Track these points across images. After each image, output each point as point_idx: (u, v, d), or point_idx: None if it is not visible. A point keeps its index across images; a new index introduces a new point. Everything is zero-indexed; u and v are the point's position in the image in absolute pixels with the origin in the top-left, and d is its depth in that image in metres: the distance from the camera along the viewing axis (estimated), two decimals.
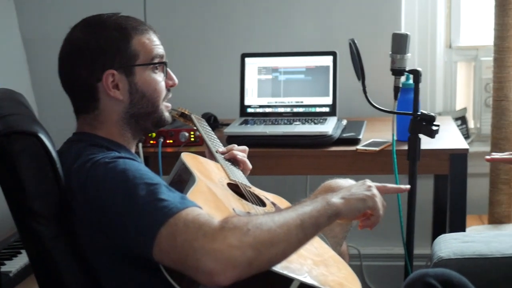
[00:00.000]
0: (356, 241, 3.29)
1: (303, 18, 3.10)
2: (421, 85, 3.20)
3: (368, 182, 1.52)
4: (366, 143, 2.49)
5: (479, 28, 3.21)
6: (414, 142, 2.05)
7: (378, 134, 2.58)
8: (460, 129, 3.22)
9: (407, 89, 2.54)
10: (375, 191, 1.48)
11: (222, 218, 1.26)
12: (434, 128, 2.00)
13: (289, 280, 1.34)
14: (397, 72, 2.04)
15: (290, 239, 1.27)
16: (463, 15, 3.23)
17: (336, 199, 1.39)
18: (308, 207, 1.33)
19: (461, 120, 3.26)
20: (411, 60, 3.16)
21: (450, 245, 1.89)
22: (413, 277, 1.40)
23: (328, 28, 3.07)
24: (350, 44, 2.09)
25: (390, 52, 2.05)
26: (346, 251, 2.22)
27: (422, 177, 3.19)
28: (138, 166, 1.45)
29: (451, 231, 2.30)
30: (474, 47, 3.23)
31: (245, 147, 1.97)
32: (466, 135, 3.25)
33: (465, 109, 3.29)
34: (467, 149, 2.44)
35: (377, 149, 2.41)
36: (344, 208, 1.39)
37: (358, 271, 3.31)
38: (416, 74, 2.03)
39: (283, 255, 1.27)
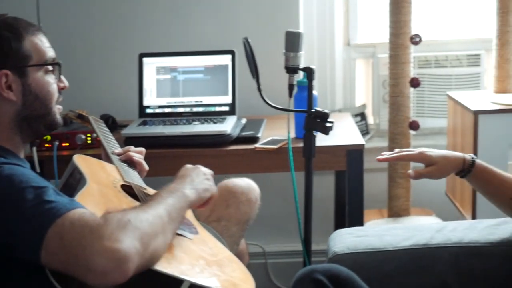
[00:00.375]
0: (260, 239, 3.31)
1: (201, 17, 3.08)
2: (321, 83, 3.28)
3: (203, 169, 1.66)
4: (265, 141, 2.50)
5: (376, 25, 3.28)
6: (309, 139, 2.06)
7: (278, 132, 2.59)
8: (359, 125, 3.28)
9: (305, 86, 2.58)
10: (211, 178, 1.65)
11: (102, 214, 1.27)
12: (328, 125, 2.03)
13: (179, 281, 1.33)
14: (291, 70, 2.05)
15: (166, 230, 1.33)
16: (360, 13, 3.29)
17: (189, 190, 1.50)
18: (171, 199, 1.41)
19: (361, 116, 3.32)
20: (310, 58, 3.21)
21: (344, 240, 1.91)
22: (302, 273, 1.41)
23: (227, 27, 3.06)
24: (244, 42, 2.08)
25: (284, 51, 2.06)
26: (246, 250, 2.22)
27: (324, 174, 3.24)
28: (24, 171, 1.43)
29: (350, 226, 2.33)
30: (372, 44, 3.30)
31: (141, 149, 1.95)
32: (366, 131, 3.32)
33: (364, 106, 3.35)
34: (362, 145, 2.48)
35: (275, 147, 2.42)
36: (195, 199, 1.52)
37: (263, 268, 3.33)
38: (310, 72, 2.04)
39: (164, 246, 1.32)
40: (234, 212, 2.03)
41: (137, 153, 1.91)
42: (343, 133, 2.64)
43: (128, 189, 1.69)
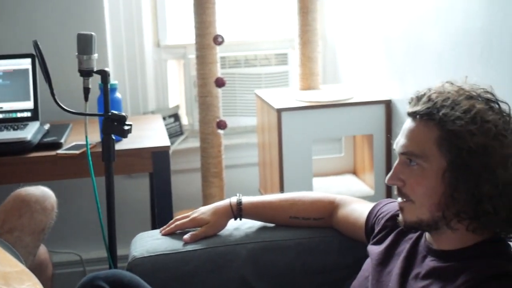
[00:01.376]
0: (77, 246, 3.23)
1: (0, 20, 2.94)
2: (132, 85, 3.24)
3: None
4: (67, 146, 2.43)
5: (185, 26, 3.29)
6: (108, 143, 2.02)
7: (83, 137, 2.52)
8: (173, 126, 3.28)
9: (111, 89, 2.53)
10: None
11: None
12: (126, 127, 1.99)
13: None
14: (85, 73, 1.99)
15: None
16: (169, 13, 3.29)
17: None
18: None
19: (175, 117, 3.32)
20: (120, 60, 3.17)
21: (145, 243, 1.89)
22: (83, 281, 1.39)
23: (27, 29, 2.94)
24: (34, 46, 2.00)
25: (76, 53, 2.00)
26: (48, 260, 2.15)
27: (139, 176, 3.21)
28: None
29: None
30: (182, 45, 3.31)
31: None
32: (180, 132, 3.32)
33: (178, 107, 3.36)
34: (168, 147, 2.48)
35: (77, 152, 2.36)
36: None
37: (82, 276, 3.24)
38: (104, 74, 2.00)
39: None
40: (28, 222, 1.96)
41: None
42: (150, 135, 2.63)
43: None
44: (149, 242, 1.89)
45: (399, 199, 1.43)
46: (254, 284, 1.83)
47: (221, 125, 2.89)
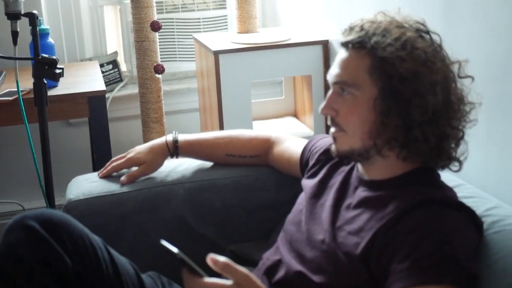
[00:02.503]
0: (19, 196, 3.21)
1: None
2: (67, 31, 3.17)
3: None
4: (1, 93, 2.38)
5: None
6: (40, 87, 1.99)
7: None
8: (112, 73, 3.24)
9: (43, 34, 2.48)
10: None
11: None
12: (57, 71, 1.96)
13: None
14: (12, 16, 1.94)
15: None
16: None
17: None
18: None
19: (113, 63, 3.27)
20: (55, 6, 3.09)
21: (80, 186, 1.88)
22: (13, 221, 1.37)
23: None
24: None
25: None
26: None
27: (79, 124, 3.17)
28: None
29: None
30: None
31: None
32: (119, 79, 3.28)
33: (116, 53, 3.30)
34: (104, 91, 2.45)
35: (10, 98, 2.32)
36: None
37: None
38: (32, 17, 1.95)
39: None
40: None
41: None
42: (86, 81, 2.59)
43: None
44: (85, 185, 1.88)
45: (332, 129, 1.45)
46: (192, 223, 1.84)
47: (159, 69, 2.86)
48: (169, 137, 1.87)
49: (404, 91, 1.34)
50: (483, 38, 1.74)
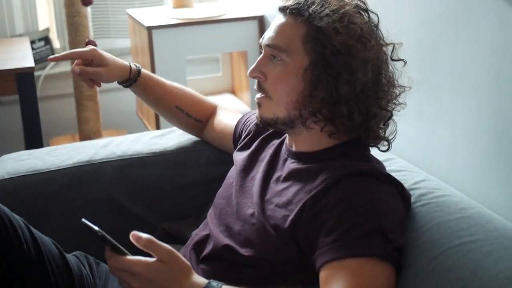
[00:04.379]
0: None
1: None
2: None
3: None
4: None
5: None
6: None
7: None
8: (44, 50, 3.16)
9: None
10: None
11: None
12: None
13: None
14: None
15: None
16: None
17: None
18: None
19: (45, 40, 3.18)
20: None
21: (6, 165, 1.82)
22: None
23: None
24: None
25: None
26: None
27: (11, 103, 3.08)
28: None
29: None
30: None
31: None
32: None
33: (48, 29, 3.22)
34: (33, 68, 2.37)
35: None
36: None
37: None
38: None
39: None
40: None
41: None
42: (15, 57, 2.51)
43: None
44: (11, 164, 1.82)
45: (258, 95, 1.42)
46: (121, 202, 1.80)
47: (91, 44, 2.79)
48: (133, 65, 1.76)
49: (335, 64, 1.32)
50: (413, 19, 1.75)
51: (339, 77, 1.32)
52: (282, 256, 1.32)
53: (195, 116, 1.83)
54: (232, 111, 1.86)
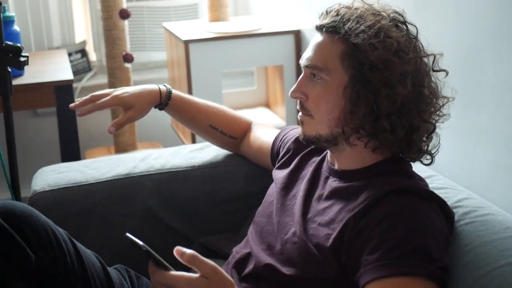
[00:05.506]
0: None
1: None
2: (35, 19, 3.11)
3: None
4: None
5: None
6: (4, 75, 1.93)
7: None
8: (81, 63, 3.19)
9: (7, 21, 2.42)
10: None
11: None
12: (22, 59, 1.90)
13: None
14: None
15: None
16: None
17: None
18: None
19: (82, 53, 3.22)
20: None
21: (46, 177, 1.83)
22: None
23: None
24: None
25: None
26: None
27: (47, 115, 3.12)
28: None
29: None
30: None
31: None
32: (88, 68, 3.23)
33: (84, 42, 3.25)
34: (71, 80, 2.39)
35: None
36: None
37: None
38: None
39: None
40: None
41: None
42: (53, 70, 2.53)
43: None
44: (51, 176, 1.84)
45: (300, 114, 1.42)
46: (159, 215, 1.81)
47: (128, 58, 2.82)
48: (162, 86, 1.75)
49: (373, 80, 1.31)
50: (455, 33, 1.74)
51: (378, 92, 1.32)
52: (323, 274, 1.31)
53: (229, 134, 1.84)
54: (269, 126, 1.86)
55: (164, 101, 1.76)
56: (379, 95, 1.31)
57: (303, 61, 1.40)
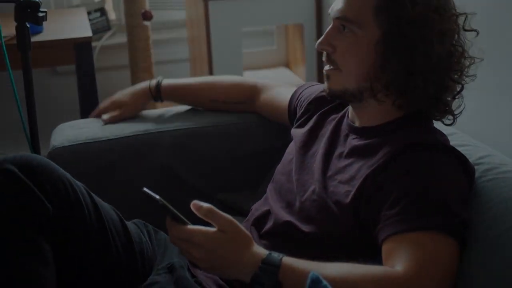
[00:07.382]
0: (3, 146, 3.15)
1: None
2: None
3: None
4: None
5: None
6: (22, 31, 1.92)
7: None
8: (100, 21, 3.17)
9: None
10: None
11: None
12: (40, 14, 1.89)
13: None
14: None
15: None
16: None
17: None
18: None
19: (101, 11, 3.20)
20: None
21: (65, 133, 1.83)
22: None
23: None
24: None
25: None
26: None
27: (67, 73, 3.11)
28: None
29: None
30: None
31: None
32: (107, 27, 3.21)
33: (103, 1, 3.23)
34: (90, 37, 2.38)
35: None
36: None
37: None
38: None
39: None
40: None
41: None
42: (72, 27, 2.52)
43: None
44: (70, 132, 1.84)
45: (326, 67, 1.39)
46: (178, 171, 1.80)
47: (147, 15, 2.79)
48: (153, 81, 1.86)
49: (411, 35, 1.28)
50: None
51: (414, 49, 1.29)
52: (343, 231, 1.31)
53: (233, 101, 1.84)
54: (281, 86, 1.83)
55: (156, 95, 1.85)
56: (415, 52, 1.28)
57: (332, 12, 1.36)
